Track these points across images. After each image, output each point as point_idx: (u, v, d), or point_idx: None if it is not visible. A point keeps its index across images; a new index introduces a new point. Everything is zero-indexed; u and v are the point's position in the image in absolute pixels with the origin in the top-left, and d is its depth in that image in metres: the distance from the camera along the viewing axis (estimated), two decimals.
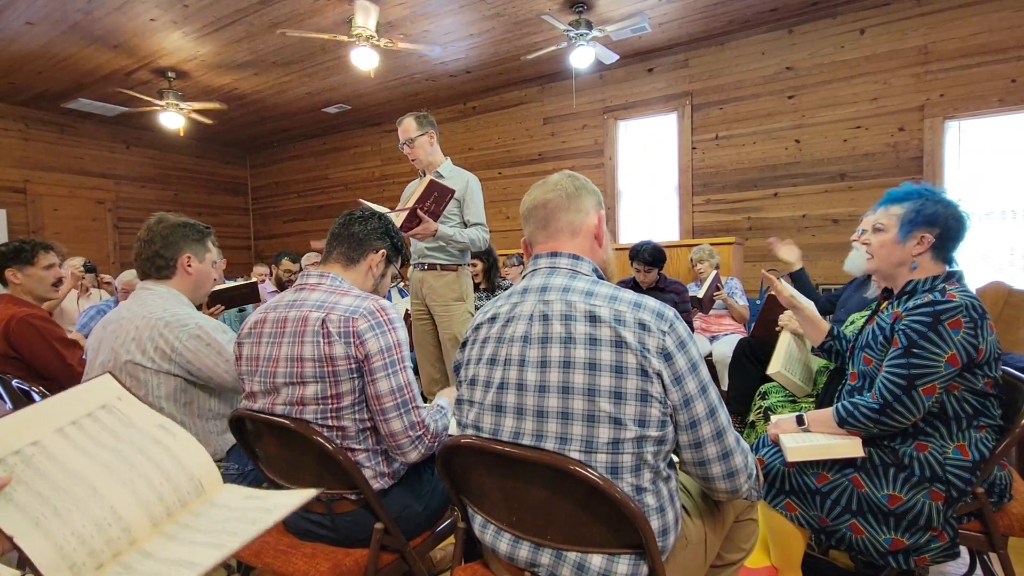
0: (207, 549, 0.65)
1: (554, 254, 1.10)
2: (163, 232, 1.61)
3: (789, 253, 2.96)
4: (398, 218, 2.42)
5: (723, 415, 1.00)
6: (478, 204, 2.76)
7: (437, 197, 2.43)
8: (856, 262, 2.45)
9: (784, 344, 2.12)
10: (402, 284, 5.24)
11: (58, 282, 2.39)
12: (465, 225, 2.74)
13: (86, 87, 5.78)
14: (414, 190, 2.55)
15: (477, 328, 1.12)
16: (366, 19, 4.04)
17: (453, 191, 2.48)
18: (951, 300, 1.34)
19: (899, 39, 4.29)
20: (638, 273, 3.58)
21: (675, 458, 1.05)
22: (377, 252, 1.46)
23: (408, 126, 2.70)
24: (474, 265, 3.76)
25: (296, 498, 0.73)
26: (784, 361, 2.05)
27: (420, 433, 1.30)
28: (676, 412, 0.96)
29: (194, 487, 0.74)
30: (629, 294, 1.01)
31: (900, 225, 1.47)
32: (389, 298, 4.86)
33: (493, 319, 1.09)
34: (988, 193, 4.12)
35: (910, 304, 1.41)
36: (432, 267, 2.76)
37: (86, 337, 2.27)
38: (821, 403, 1.94)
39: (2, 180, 6.29)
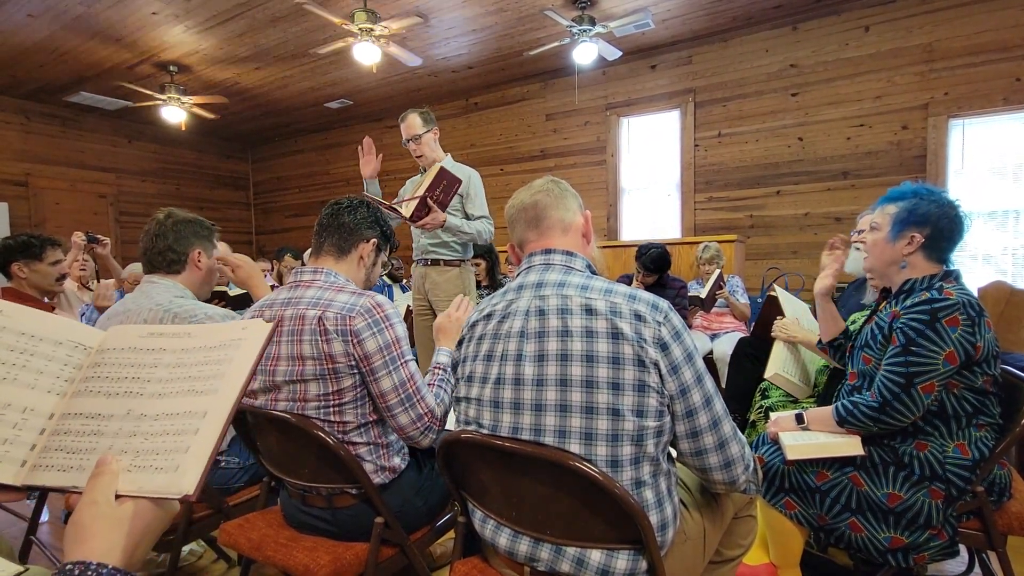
0: (194, 397, 0.58)
1: (548, 251, 1.12)
2: (174, 227, 1.62)
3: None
4: (408, 208, 2.40)
5: (719, 405, 1.00)
6: (481, 198, 2.76)
7: (446, 186, 2.42)
8: (856, 263, 2.44)
9: (780, 347, 2.11)
10: (405, 280, 5.24)
11: (61, 278, 2.40)
12: (466, 217, 2.73)
13: (88, 81, 5.77)
14: (421, 180, 2.53)
15: (473, 326, 1.12)
16: (397, 23, 4.04)
17: (460, 181, 2.47)
18: (948, 298, 1.34)
19: (904, 37, 4.28)
20: (637, 274, 3.58)
21: (673, 452, 1.05)
22: (368, 242, 1.44)
23: (413, 122, 2.68)
24: (477, 264, 3.76)
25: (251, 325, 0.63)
26: (781, 364, 2.04)
27: (428, 423, 1.30)
28: (673, 402, 0.97)
29: (71, 348, 0.64)
30: (623, 287, 1.02)
31: (892, 224, 1.48)
32: (391, 294, 4.86)
33: (489, 316, 1.09)
34: (991, 193, 4.10)
35: (908, 303, 1.41)
36: (435, 263, 2.76)
37: None
38: (822, 403, 1.94)
39: (4, 173, 6.29)
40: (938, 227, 1.42)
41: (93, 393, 0.62)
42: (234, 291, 2.64)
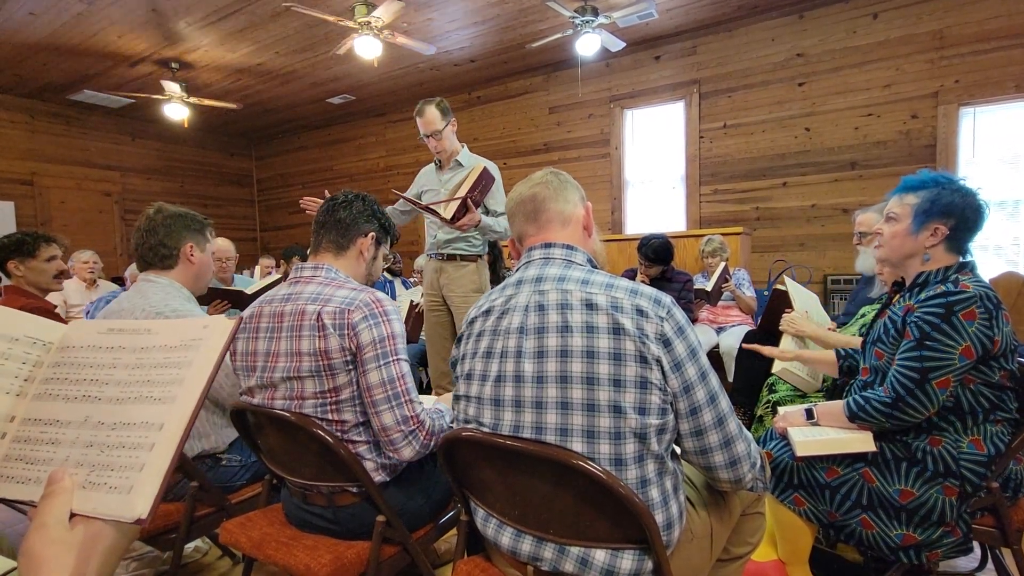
0: (153, 405, 0.54)
1: (548, 245, 1.09)
2: (165, 222, 1.60)
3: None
4: (449, 210, 2.36)
5: (724, 402, 0.98)
6: (501, 192, 2.68)
7: (483, 187, 2.39)
8: (867, 261, 2.40)
9: (788, 342, 2.08)
10: (415, 277, 5.22)
11: (60, 274, 2.39)
12: (486, 213, 2.67)
13: (91, 78, 5.77)
14: (464, 179, 2.47)
15: (472, 322, 1.10)
16: (387, 11, 3.98)
17: (494, 179, 2.43)
18: (965, 291, 1.30)
19: (913, 24, 4.20)
20: (640, 267, 3.55)
21: (677, 449, 1.03)
22: (366, 236, 1.43)
23: (432, 117, 2.57)
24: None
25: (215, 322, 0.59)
26: None
27: (414, 428, 1.26)
28: (676, 399, 0.94)
29: (29, 345, 0.60)
30: (625, 282, 1.00)
31: (914, 215, 1.42)
32: (392, 290, 4.85)
33: (488, 312, 1.07)
34: (1004, 182, 4.03)
35: (922, 296, 1.37)
36: (452, 257, 2.71)
37: None
38: (831, 399, 1.91)
39: (10, 172, 6.31)
40: (963, 217, 1.37)
41: (52, 396, 0.58)
42: (251, 289, 2.61)
